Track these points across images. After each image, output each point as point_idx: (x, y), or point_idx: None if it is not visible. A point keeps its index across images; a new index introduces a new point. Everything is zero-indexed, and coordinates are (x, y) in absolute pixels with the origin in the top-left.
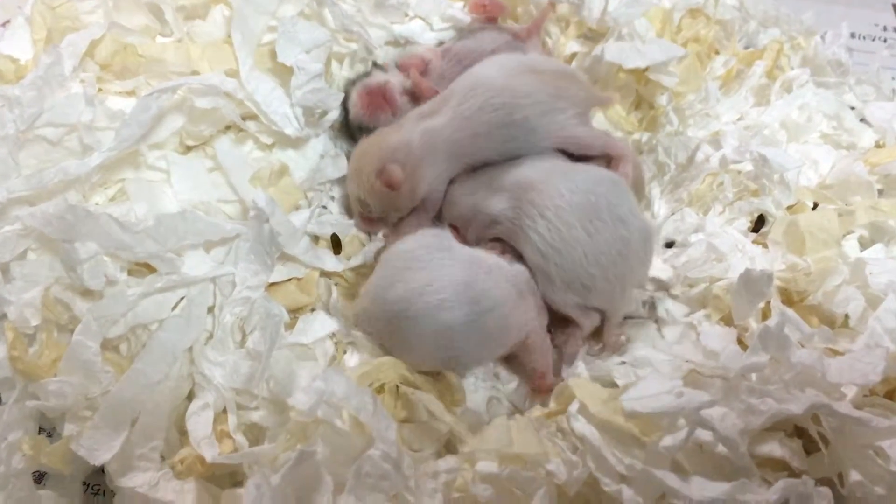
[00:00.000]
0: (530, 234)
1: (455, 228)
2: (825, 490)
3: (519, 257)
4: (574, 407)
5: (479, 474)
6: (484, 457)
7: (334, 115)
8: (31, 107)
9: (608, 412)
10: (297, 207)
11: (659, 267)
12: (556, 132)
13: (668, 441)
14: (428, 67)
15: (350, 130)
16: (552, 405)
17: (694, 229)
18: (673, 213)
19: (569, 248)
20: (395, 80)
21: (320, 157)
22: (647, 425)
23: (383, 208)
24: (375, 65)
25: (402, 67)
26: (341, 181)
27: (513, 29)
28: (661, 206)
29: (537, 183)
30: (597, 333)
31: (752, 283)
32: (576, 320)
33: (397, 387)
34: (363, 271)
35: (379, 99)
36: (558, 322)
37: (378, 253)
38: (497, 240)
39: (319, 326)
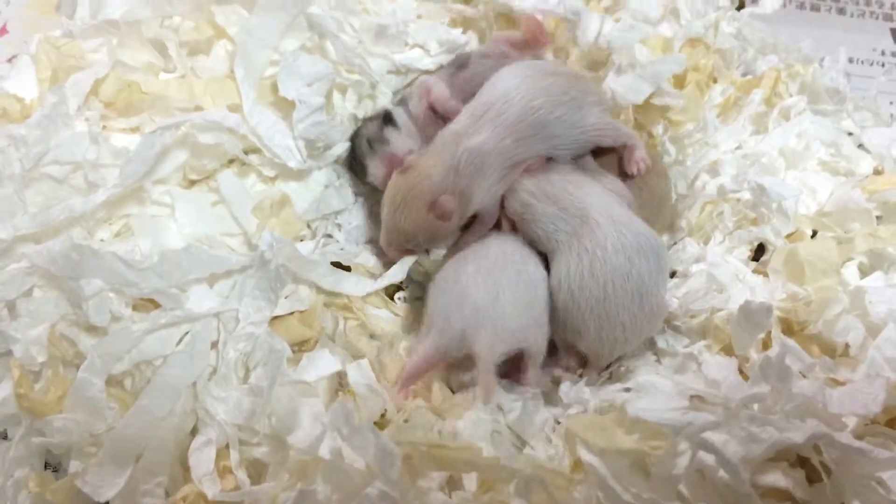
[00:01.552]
0: (561, 265)
1: (512, 224)
2: None
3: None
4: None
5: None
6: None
7: (339, 149)
8: (37, 145)
9: (611, 439)
10: (300, 238)
11: None
12: (592, 125)
13: (674, 470)
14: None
15: (353, 166)
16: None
17: (695, 259)
18: (675, 243)
19: (582, 295)
20: (411, 142)
21: (324, 187)
22: (651, 434)
23: (431, 239)
24: (388, 119)
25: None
26: (347, 211)
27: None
28: (662, 237)
29: (593, 222)
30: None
31: (751, 314)
32: (560, 350)
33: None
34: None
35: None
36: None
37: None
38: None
39: (323, 365)
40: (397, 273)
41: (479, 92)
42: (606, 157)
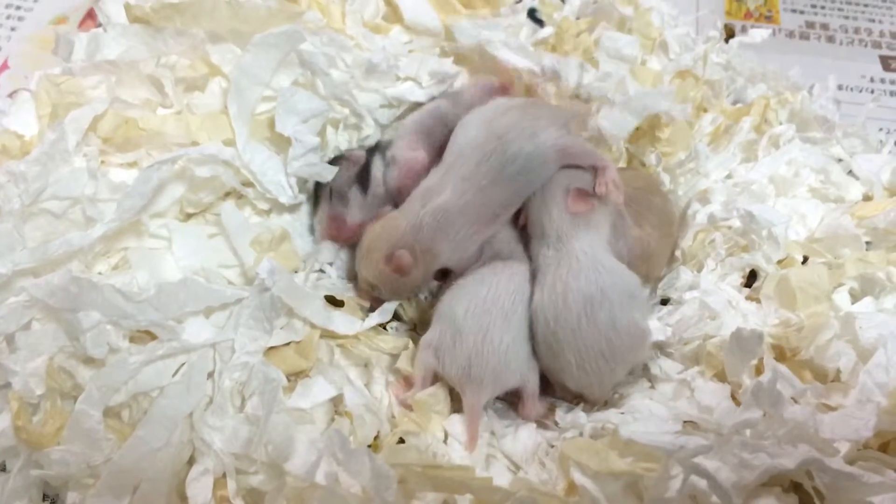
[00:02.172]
0: (538, 292)
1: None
2: None
3: None
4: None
5: None
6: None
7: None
8: (36, 181)
9: (605, 462)
10: (294, 271)
11: (655, 327)
12: (552, 146)
13: (667, 493)
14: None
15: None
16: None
17: (689, 287)
18: (670, 271)
19: (558, 325)
20: (366, 214)
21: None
22: (644, 457)
23: (393, 292)
24: (361, 178)
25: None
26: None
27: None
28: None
29: (574, 259)
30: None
31: (743, 341)
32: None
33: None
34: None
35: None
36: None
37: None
38: None
39: (318, 391)
40: (382, 315)
41: (447, 148)
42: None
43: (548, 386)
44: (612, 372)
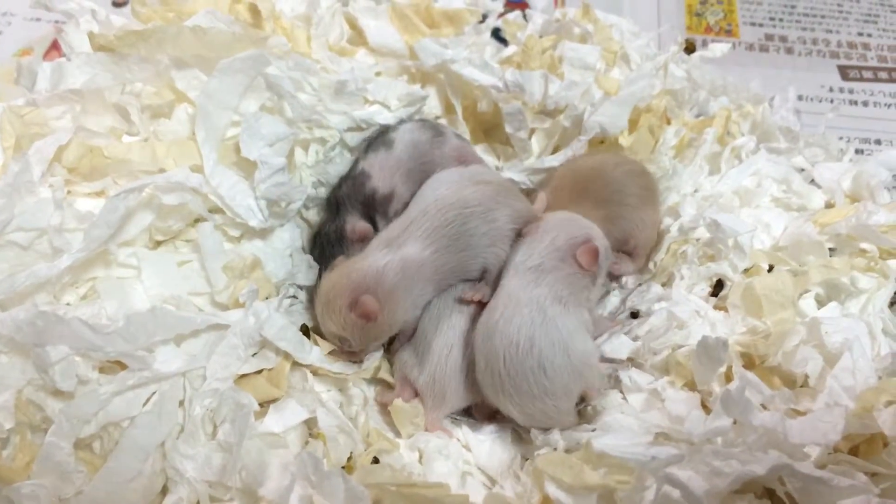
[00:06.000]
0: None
1: None
2: None
3: None
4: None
5: None
6: None
7: (299, 204)
8: (1, 214)
9: (578, 475)
10: (266, 297)
11: (623, 342)
12: (494, 239)
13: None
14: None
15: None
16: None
17: (658, 299)
18: (640, 284)
19: (489, 369)
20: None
21: (290, 255)
22: (617, 469)
23: (363, 341)
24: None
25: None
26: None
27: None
28: (628, 280)
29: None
30: None
31: (709, 349)
32: None
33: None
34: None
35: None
36: None
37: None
38: None
39: (290, 415)
40: (374, 357)
41: (413, 198)
42: None
43: None
44: (556, 407)
